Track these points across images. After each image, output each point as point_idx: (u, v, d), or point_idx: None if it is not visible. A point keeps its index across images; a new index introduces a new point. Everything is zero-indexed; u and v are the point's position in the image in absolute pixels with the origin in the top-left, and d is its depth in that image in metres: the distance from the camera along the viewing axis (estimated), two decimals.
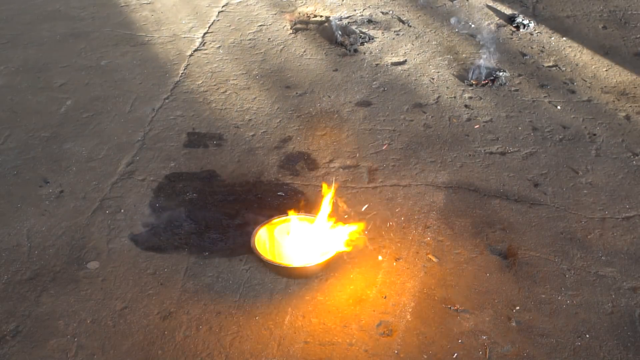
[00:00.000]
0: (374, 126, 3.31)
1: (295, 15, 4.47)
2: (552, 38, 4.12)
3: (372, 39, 4.16)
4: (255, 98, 3.56)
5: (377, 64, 3.88)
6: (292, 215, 2.55)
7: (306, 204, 2.76)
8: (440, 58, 3.94)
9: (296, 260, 2.46)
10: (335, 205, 2.64)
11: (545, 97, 3.55)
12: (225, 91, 3.64)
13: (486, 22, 4.33)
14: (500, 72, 3.73)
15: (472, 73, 3.71)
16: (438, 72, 3.80)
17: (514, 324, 2.24)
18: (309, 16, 4.44)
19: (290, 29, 4.30)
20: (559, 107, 3.45)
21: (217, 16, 4.49)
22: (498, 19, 4.37)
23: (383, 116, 3.39)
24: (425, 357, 2.14)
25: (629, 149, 3.11)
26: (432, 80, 3.72)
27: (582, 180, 2.91)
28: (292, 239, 2.52)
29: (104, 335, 2.22)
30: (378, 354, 2.15)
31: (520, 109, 3.45)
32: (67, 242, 2.61)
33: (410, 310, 2.30)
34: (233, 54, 4.02)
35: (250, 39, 4.18)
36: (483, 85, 3.64)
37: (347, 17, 4.40)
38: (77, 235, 2.65)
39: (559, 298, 2.33)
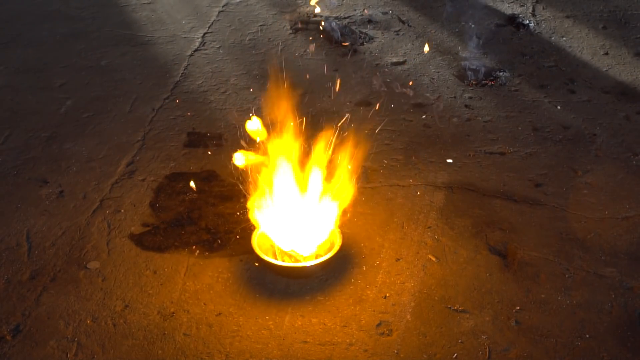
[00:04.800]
0: (374, 126, 3.30)
1: (295, 15, 4.47)
2: (552, 38, 4.12)
3: (372, 39, 4.16)
4: (255, 98, 3.56)
5: (377, 64, 3.88)
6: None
7: None
8: (440, 58, 3.94)
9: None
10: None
11: (545, 97, 3.55)
12: (225, 91, 3.64)
13: (486, 22, 4.33)
14: (500, 72, 3.73)
15: (472, 73, 3.71)
16: (438, 72, 3.80)
17: (514, 324, 2.24)
18: (309, 16, 4.44)
19: (290, 29, 4.30)
20: (559, 107, 3.45)
21: (217, 16, 4.50)
22: (498, 19, 4.37)
23: (383, 116, 3.39)
24: (425, 357, 2.14)
25: (629, 149, 3.11)
26: (432, 80, 3.72)
27: (582, 180, 2.91)
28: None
29: (104, 335, 2.22)
30: (378, 354, 2.15)
31: (520, 109, 3.45)
32: (67, 242, 2.61)
33: (410, 310, 2.30)
34: (233, 54, 4.02)
35: (250, 39, 4.18)
36: (483, 85, 3.64)
37: (347, 17, 4.41)
38: (77, 235, 2.65)
39: (559, 298, 2.33)
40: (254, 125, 2.60)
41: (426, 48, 3.36)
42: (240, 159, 2.58)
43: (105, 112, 3.47)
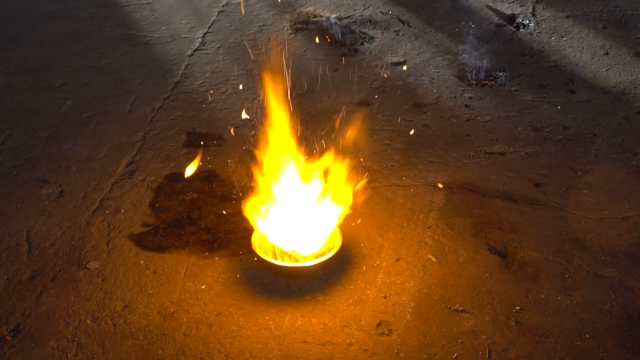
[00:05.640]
0: (373, 126, 3.31)
1: (295, 15, 4.47)
2: (552, 38, 4.12)
3: (372, 39, 4.16)
4: (255, 98, 3.56)
5: (377, 64, 3.88)
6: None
7: None
8: (440, 58, 3.94)
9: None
10: None
11: (545, 97, 3.55)
12: (226, 91, 3.64)
13: (486, 22, 4.33)
14: (500, 72, 3.73)
15: (472, 73, 3.71)
16: (438, 72, 3.80)
17: (514, 324, 2.24)
18: (309, 16, 4.44)
19: (290, 29, 4.30)
20: (559, 107, 3.45)
21: (217, 16, 4.50)
22: (498, 19, 4.37)
23: (383, 116, 3.39)
24: (425, 357, 2.14)
25: (628, 149, 3.11)
26: (432, 80, 3.72)
27: (582, 180, 2.91)
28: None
29: (104, 335, 2.22)
30: (378, 353, 2.15)
31: (520, 109, 3.45)
32: (67, 242, 2.61)
33: (410, 310, 2.30)
34: (233, 54, 4.02)
35: (250, 39, 4.18)
36: (483, 85, 3.64)
37: (347, 17, 4.41)
38: (77, 235, 2.65)
39: (559, 298, 2.33)
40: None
41: (404, 67, 3.41)
42: (190, 170, 2.67)
43: (105, 112, 3.47)
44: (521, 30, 4.21)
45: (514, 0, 4.57)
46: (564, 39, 4.11)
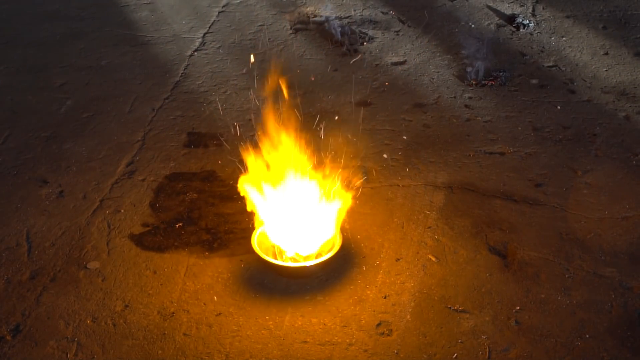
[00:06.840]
0: (373, 126, 3.31)
1: (295, 15, 4.47)
2: (552, 38, 4.12)
3: (372, 39, 4.16)
4: (255, 98, 3.56)
5: (377, 64, 3.88)
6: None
7: None
8: (440, 58, 3.94)
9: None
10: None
11: (545, 97, 3.55)
12: (226, 91, 3.64)
13: (486, 22, 4.33)
14: (500, 72, 3.73)
15: (472, 73, 3.71)
16: (438, 72, 3.80)
17: (514, 324, 2.24)
18: (309, 16, 4.44)
19: (290, 29, 4.30)
20: (559, 107, 3.45)
21: (217, 16, 4.50)
22: (498, 19, 4.37)
23: (383, 116, 3.39)
24: (425, 357, 2.14)
25: (629, 149, 3.11)
26: (432, 80, 3.72)
27: (582, 180, 2.91)
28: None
29: (104, 335, 2.22)
30: (378, 353, 2.15)
31: (520, 109, 3.45)
32: (67, 242, 2.61)
33: (410, 310, 2.30)
34: (233, 54, 4.02)
35: (250, 39, 4.18)
36: (483, 85, 3.64)
37: (347, 17, 4.41)
38: (77, 235, 2.65)
39: (559, 298, 2.33)
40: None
41: (386, 83, 3.36)
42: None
43: (105, 112, 3.47)
44: (521, 30, 4.21)
45: (514, 0, 4.57)
46: (564, 39, 4.11)
